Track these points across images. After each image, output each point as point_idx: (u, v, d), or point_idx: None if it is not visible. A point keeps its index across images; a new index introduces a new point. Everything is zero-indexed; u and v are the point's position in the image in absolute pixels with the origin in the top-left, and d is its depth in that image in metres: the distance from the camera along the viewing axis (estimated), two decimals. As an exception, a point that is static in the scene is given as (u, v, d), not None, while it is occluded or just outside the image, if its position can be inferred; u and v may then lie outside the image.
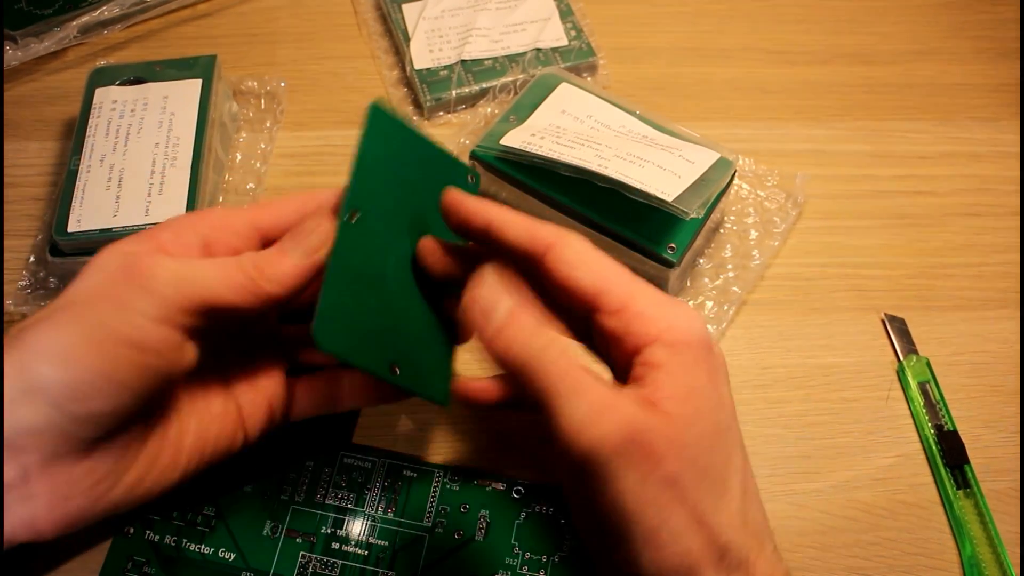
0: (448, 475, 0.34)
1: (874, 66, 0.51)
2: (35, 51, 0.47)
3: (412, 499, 0.34)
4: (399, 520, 0.33)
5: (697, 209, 0.37)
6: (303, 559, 0.32)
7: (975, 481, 0.36)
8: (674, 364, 0.26)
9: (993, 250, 0.43)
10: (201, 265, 0.28)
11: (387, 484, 0.34)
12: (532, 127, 0.40)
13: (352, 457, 0.35)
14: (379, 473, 0.34)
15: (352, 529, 0.33)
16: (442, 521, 0.33)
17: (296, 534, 0.33)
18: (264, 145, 0.45)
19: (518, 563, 0.32)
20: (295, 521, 0.33)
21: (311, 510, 0.33)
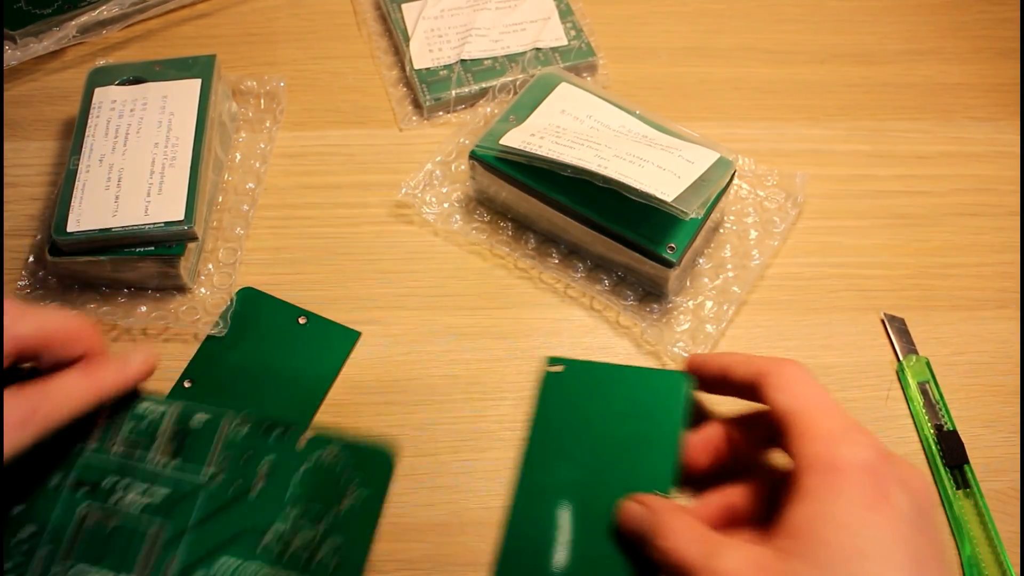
0: (235, 422, 0.33)
1: (873, 66, 0.51)
2: (34, 51, 0.47)
3: (198, 447, 0.32)
4: (181, 467, 0.32)
5: (697, 209, 0.37)
6: (83, 511, 0.31)
7: (975, 481, 0.36)
8: (818, 487, 0.27)
9: (993, 250, 0.43)
10: None
11: (175, 431, 0.32)
12: (532, 127, 0.40)
13: (148, 402, 0.33)
14: (170, 419, 0.33)
15: (135, 479, 0.31)
16: (222, 472, 0.32)
17: (81, 485, 0.31)
18: (263, 145, 0.45)
19: (295, 514, 0.31)
20: (82, 472, 0.32)
21: (98, 462, 0.32)
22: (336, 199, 0.44)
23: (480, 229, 0.42)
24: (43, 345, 0.29)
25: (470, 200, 0.43)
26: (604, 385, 0.35)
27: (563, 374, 0.35)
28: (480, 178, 0.42)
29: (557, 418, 0.34)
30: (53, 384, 0.29)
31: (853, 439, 0.27)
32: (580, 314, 0.40)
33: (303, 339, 0.39)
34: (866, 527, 0.25)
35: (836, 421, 0.28)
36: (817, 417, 0.28)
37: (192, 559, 0.30)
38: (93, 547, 0.30)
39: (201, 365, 0.38)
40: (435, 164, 0.44)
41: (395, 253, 0.42)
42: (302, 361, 0.38)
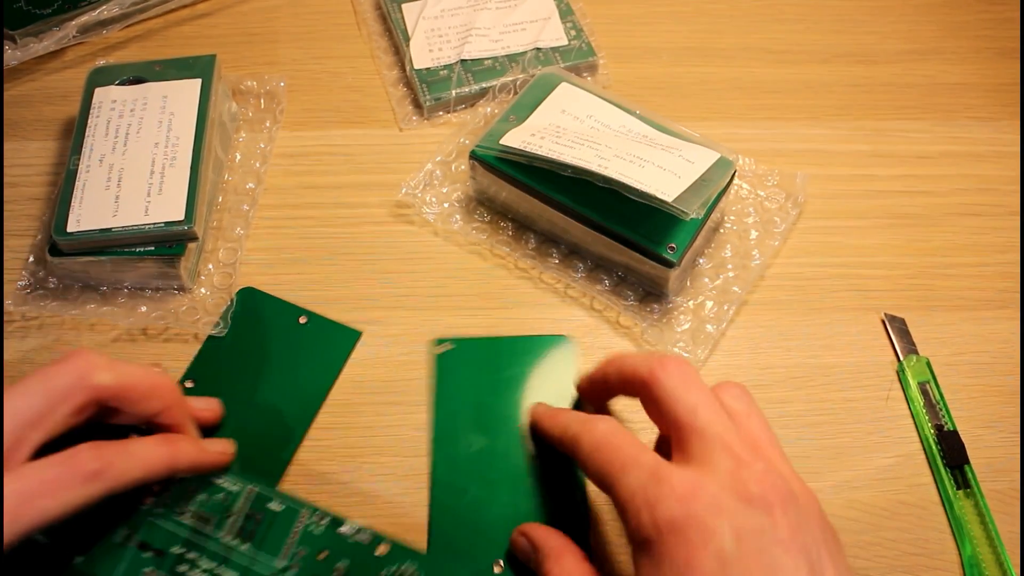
0: (314, 516, 0.32)
1: (873, 66, 0.50)
2: (34, 51, 0.47)
3: (272, 534, 0.32)
4: (254, 553, 0.31)
5: (697, 209, 0.37)
6: (148, 574, 0.31)
7: (975, 481, 0.36)
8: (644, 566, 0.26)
9: (993, 250, 0.43)
10: None
11: (250, 514, 0.32)
12: (532, 127, 0.40)
13: (223, 478, 0.33)
14: (245, 500, 0.33)
15: (203, 554, 0.31)
16: (297, 564, 0.31)
17: (147, 547, 0.31)
18: (263, 145, 0.45)
19: None
20: (149, 534, 0.31)
21: (167, 526, 0.32)
22: (336, 199, 0.44)
23: (480, 229, 0.42)
24: (122, 396, 0.30)
25: (470, 200, 0.43)
26: (495, 357, 0.38)
27: (454, 352, 0.38)
28: (480, 178, 0.42)
29: (456, 394, 0.36)
30: (132, 444, 0.29)
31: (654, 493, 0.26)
32: (580, 314, 0.40)
33: (304, 339, 0.39)
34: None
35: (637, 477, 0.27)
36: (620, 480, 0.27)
37: None
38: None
39: (203, 366, 0.38)
40: (435, 164, 0.44)
41: (395, 253, 0.42)
42: (304, 361, 0.38)
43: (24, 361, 0.38)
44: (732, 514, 0.25)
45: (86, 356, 0.29)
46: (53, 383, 0.28)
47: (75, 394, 0.28)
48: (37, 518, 0.26)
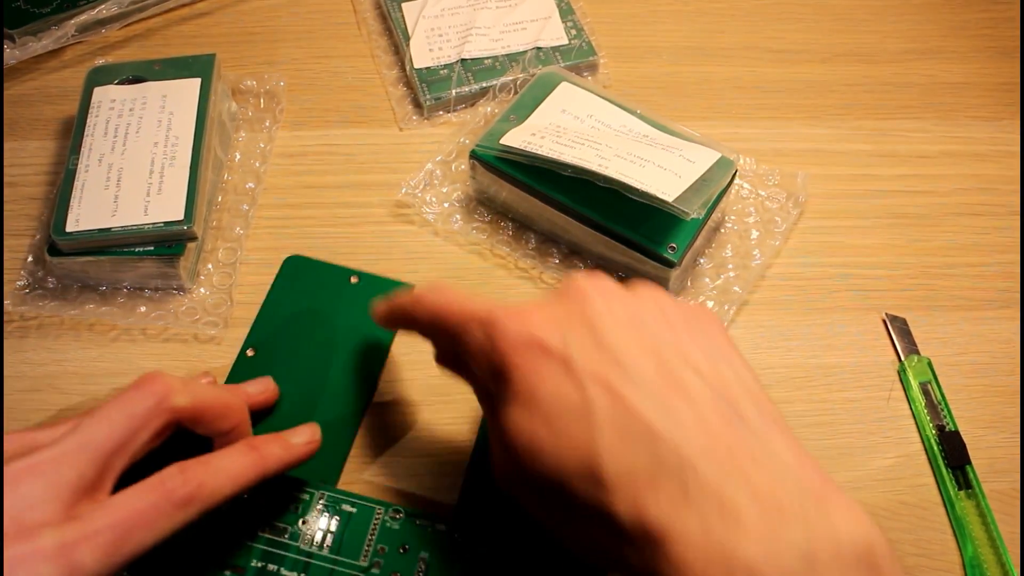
0: (389, 512, 0.33)
1: (874, 65, 0.50)
2: (33, 50, 0.47)
3: (349, 536, 0.32)
4: (334, 558, 0.32)
5: (698, 209, 0.37)
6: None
7: (977, 482, 0.35)
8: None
9: (995, 250, 0.43)
10: None
11: (324, 518, 0.33)
12: (532, 126, 0.40)
13: (289, 486, 0.33)
14: (316, 505, 0.33)
15: (284, 565, 0.31)
16: (379, 561, 0.31)
17: (225, 567, 0.31)
18: (263, 144, 0.45)
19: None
20: (223, 551, 0.32)
21: (242, 541, 0.32)
22: (336, 199, 0.44)
23: (480, 229, 0.42)
24: (198, 417, 0.30)
25: (470, 200, 0.43)
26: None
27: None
28: (480, 178, 0.41)
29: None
30: (217, 459, 0.29)
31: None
32: None
33: (357, 298, 0.39)
34: None
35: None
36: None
37: None
38: None
39: (261, 333, 0.38)
40: (435, 164, 0.44)
41: (395, 253, 0.42)
42: (360, 319, 0.38)
43: (23, 362, 0.38)
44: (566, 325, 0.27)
45: (163, 380, 0.29)
46: (133, 409, 0.28)
47: (155, 418, 0.28)
48: (132, 550, 0.26)
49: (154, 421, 0.28)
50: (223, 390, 0.32)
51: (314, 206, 0.43)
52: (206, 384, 0.32)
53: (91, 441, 0.27)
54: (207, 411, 0.30)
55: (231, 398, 0.31)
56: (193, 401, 0.29)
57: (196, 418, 0.30)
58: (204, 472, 0.28)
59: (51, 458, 0.26)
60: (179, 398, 0.29)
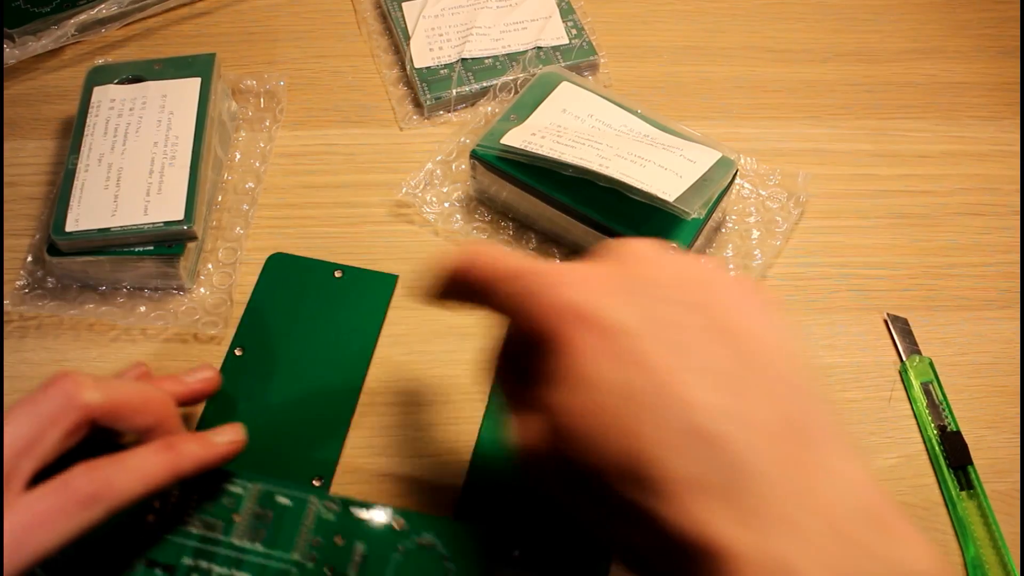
0: (323, 503, 0.32)
1: (875, 64, 0.50)
2: (33, 49, 0.47)
3: (284, 529, 0.31)
4: (267, 552, 0.30)
5: (698, 209, 0.36)
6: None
7: (978, 482, 0.35)
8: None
9: (996, 250, 0.43)
10: None
11: (258, 512, 0.31)
12: (533, 126, 0.40)
13: (226, 481, 0.32)
14: (251, 499, 0.32)
15: (216, 561, 0.30)
16: (314, 554, 0.30)
17: (155, 565, 0.30)
18: (263, 144, 0.45)
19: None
20: (157, 551, 0.30)
21: (174, 539, 0.31)
22: (336, 199, 0.44)
23: (481, 229, 0.42)
24: (113, 413, 0.28)
25: (471, 200, 0.43)
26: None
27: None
28: (481, 177, 0.41)
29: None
30: (128, 457, 0.28)
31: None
32: None
33: (342, 292, 0.40)
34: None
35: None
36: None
37: None
38: None
39: (248, 332, 0.38)
40: (436, 163, 0.44)
41: (395, 253, 0.42)
42: (346, 313, 0.39)
43: (22, 362, 0.38)
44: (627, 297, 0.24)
45: (72, 376, 0.28)
46: (40, 408, 0.27)
47: (64, 416, 0.27)
48: (34, 552, 0.25)
49: (63, 420, 0.27)
50: (143, 385, 0.30)
51: (314, 206, 0.43)
52: (126, 380, 0.30)
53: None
54: (122, 407, 0.28)
55: (152, 393, 0.30)
56: (106, 397, 0.28)
57: (111, 414, 0.28)
58: (112, 471, 0.27)
59: None
60: (89, 394, 0.27)
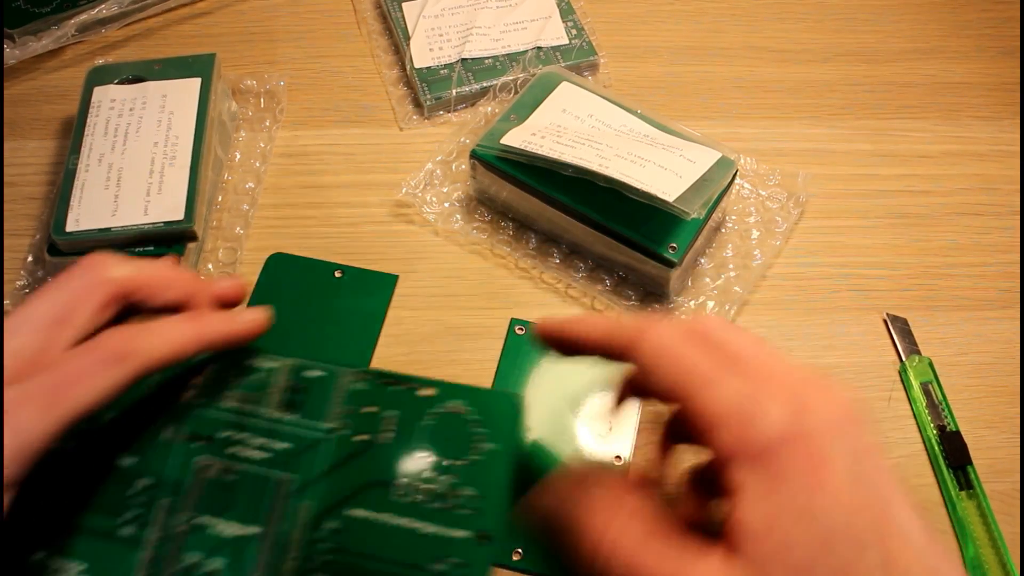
0: (355, 375, 0.32)
1: (875, 64, 0.50)
2: (33, 49, 0.47)
3: (316, 401, 0.31)
4: (301, 422, 0.31)
5: (698, 209, 0.36)
6: (200, 463, 0.30)
7: (978, 482, 0.35)
8: (753, 482, 0.22)
9: (996, 250, 0.43)
10: None
11: (291, 386, 0.32)
12: (533, 126, 0.40)
13: (258, 357, 0.32)
14: (283, 374, 0.32)
15: (252, 431, 0.31)
16: (347, 422, 0.31)
17: (196, 438, 0.31)
18: (263, 144, 0.45)
19: (426, 467, 0.30)
20: (195, 425, 0.31)
21: (211, 414, 0.31)
22: (336, 199, 0.44)
23: (481, 228, 0.42)
24: (141, 287, 0.29)
25: (471, 200, 0.43)
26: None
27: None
28: (481, 177, 0.41)
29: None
30: (157, 323, 0.28)
31: (758, 406, 0.23)
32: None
33: (342, 292, 0.40)
34: (821, 509, 0.22)
35: (731, 388, 0.24)
36: (706, 394, 0.24)
37: (322, 509, 0.29)
38: (216, 499, 0.30)
39: None
40: (436, 163, 0.44)
41: (395, 253, 0.42)
42: (346, 313, 0.39)
43: (23, 361, 0.38)
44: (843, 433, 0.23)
45: (100, 256, 0.29)
46: (71, 283, 0.28)
47: (95, 290, 0.28)
48: (73, 408, 0.25)
49: (94, 293, 0.28)
50: (168, 263, 0.31)
51: (314, 206, 0.43)
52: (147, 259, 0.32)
53: (31, 316, 0.27)
54: (149, 281, 0.29)
55: (178, 271, 0.30)
56: (133, 272, 0.29)
57: (139, 289, 0.29)
58: (141, 332, 0.28)
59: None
60: (117, 269, 0.29)
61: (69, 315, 0.27)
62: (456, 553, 0.28)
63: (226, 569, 0.29)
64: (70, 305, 0.27)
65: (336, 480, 0.30)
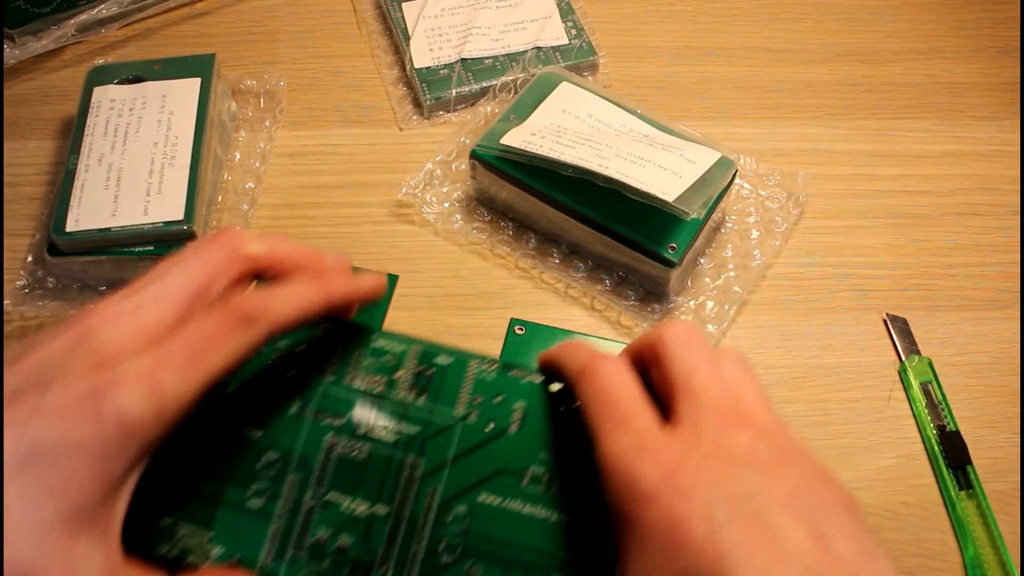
0: (484, 364, 0.32)
1: (875, 65, 0.50)
2: (33, 50, 0.47)
3: (445, 387, 0.32)
4: (430, 407, 0.32)
5: (698, 209, 0.37)
6: (329, 441, 0.31)
7: (977, 482, 0.35)
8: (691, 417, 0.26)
9: (995, 250, 0.43)
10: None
11: (419, 371, 0.32)
12: (533, 126, 0.40)
13: (385, 340, 0.33)
14: (412, 358, 0.33)
15: (383, 410, 0.32)
16: (475, 411, 0.32)
17: (323, 416, 0.31)
18: (263, 144, 0.45)
19: (552, 457, 0.31)
20: (323, 403, 0.32)
21: (339, 393, 0.32)
22: (336, 199, 0.44)
23: (481, 229, 0.42)
24: (274, 264, 0.30)
25: (471, 200, 0.43)
26: None
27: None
28: (481, 178, 0.41)
29: None
30: (282, 285, 0.29)
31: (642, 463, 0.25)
32: (581, 314, 0.40)
33: None
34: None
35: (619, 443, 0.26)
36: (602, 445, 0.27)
37: (452, 493, 0.30)
38: (346, 477, 0.30)
39: None
40: (435, 164, 0.44)
41: (395, 253, 0.42)
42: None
43: (23, 361, 0.38)
44: (719, 480, 0.24)
45: (237, 231, 0.29)
46: (210, 256, 0.28)
47: (231, 265, 0.28)
48: (208, 371, 0.26)
49: (231, 268, 0.29)
50: (300, 243, 0.32)
51: (314, 206, 0.43)
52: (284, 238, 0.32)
53: (170, 288, 0.27)
54: (282, 258, 0.30)
55: (308, 251, 0.31)
56: (268, 250, 0.30)
57: (273, 265, 0.30)
58: (270, 294, 0.28)
59: (130, 305, 0.26)
60: (254, 246, 0.29)
61: (207, 289, 0.28)
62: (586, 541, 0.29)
63: (355, 545, 0.29)
64: (208, 279, 0.28)
65: (465, 466, 0.31)
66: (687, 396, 0.27)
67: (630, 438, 0.26)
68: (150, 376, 0.25)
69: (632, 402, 0.27)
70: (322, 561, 0.29)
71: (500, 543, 0.29)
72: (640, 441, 0.26)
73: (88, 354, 0.25)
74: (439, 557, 0.29)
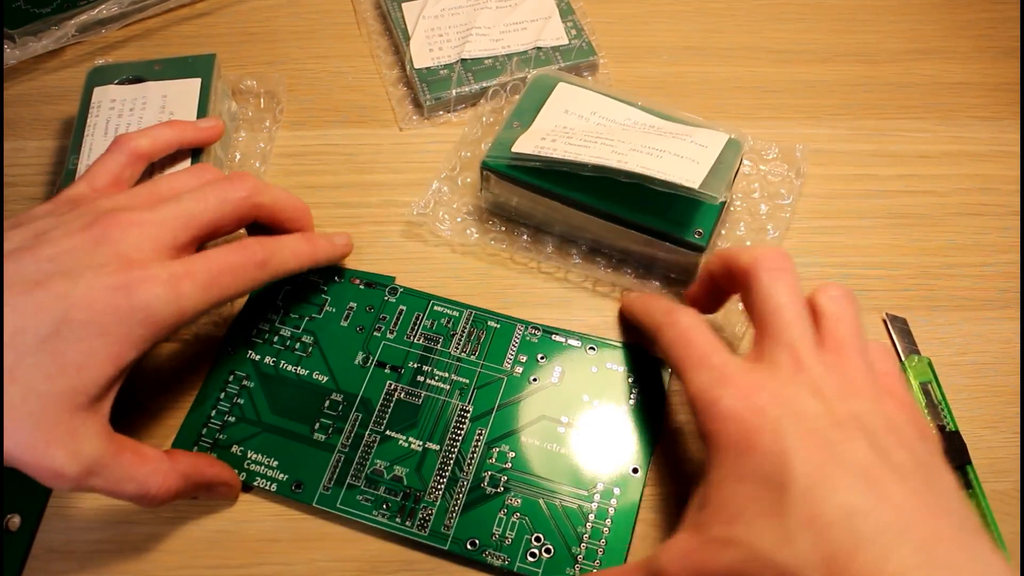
0: (528, 328, 0.38)
1: (875, 65, 0.50)
2: (33, 50, 0.47)
3: (494, 346, 0.37)
4: (480, 362, 0.37)
5: (724, 192, 0.37)
6: (390, 387, 0.36)
7: (977, 482, 0.35)
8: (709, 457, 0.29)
9: (995, 250, 0.43)
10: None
11: (471, 331, 0.38)
12: (540, 131, 0.40)
13: (442, 305, 0.38)
14: (465, 320, 0.38)
15: (436, 365, 0.37)
16: (520, 368, 0.37)
17: (385, 365, 0.37)
18: (263, 144, 0.45)
19: (588, 410, 0.36)
20: (385, 354, 0.37)
21: (400, 346, 0.37)
22: (336, 199, 0.44)
23: (498, 239, 0.42)
24: (274, 216, 0.35)
25: (482, 211, 0.42)
26: None
27: None
28: (494, 188, 0.41)
29: None
30: (283, 239, 0.34)
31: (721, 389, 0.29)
32: (613, 306, 0.40)
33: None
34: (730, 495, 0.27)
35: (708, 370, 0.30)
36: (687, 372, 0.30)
37: (496, 435, 0.35)
38: (403, 417, 0.35)
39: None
40: (441, 181, 0.43)
41: (395, 253, 0.42)
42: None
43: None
44: (789, 402, 0.27)
45: (252, 178, 0.34)
46: (227, 195, 0.32)
47: (242, 208, 0.33)
48: (222, 293, 0.30)
49: (240, 211, 0.33)
50: (296, 199, 0.36)
51: (314, 206, 0.43)
52: (284, 191, 0.36)
53: (187, 214, 0.31)
54: (282, 211, 0.35)
55: (302, 204, 0.37)
56: (274, 202, 0.35)
57: (273, 217, 0.35)
58: (277, 245, 0.33)
59: (153, 220, 0.30)
60: (264, 196, 0.34)
61: (219, 226, 0.32)
62: (613, 481, 0.34)
63: (408, 476, 0.34)
64: (221, 216, 0.32)
65: (509, 413, 0.36)
66: (771, 334, 0.30)
67: (711, 373, 0.29)
68: (176, 283, 0.29)
69: (708, 343, 0.31)
70: (378, 487, 0.33)
71: (538, 477, 0.34)
72: (719, 373, 0.29)
73: (116, 254, 0.28)
74: (483, 489, 0.33)
